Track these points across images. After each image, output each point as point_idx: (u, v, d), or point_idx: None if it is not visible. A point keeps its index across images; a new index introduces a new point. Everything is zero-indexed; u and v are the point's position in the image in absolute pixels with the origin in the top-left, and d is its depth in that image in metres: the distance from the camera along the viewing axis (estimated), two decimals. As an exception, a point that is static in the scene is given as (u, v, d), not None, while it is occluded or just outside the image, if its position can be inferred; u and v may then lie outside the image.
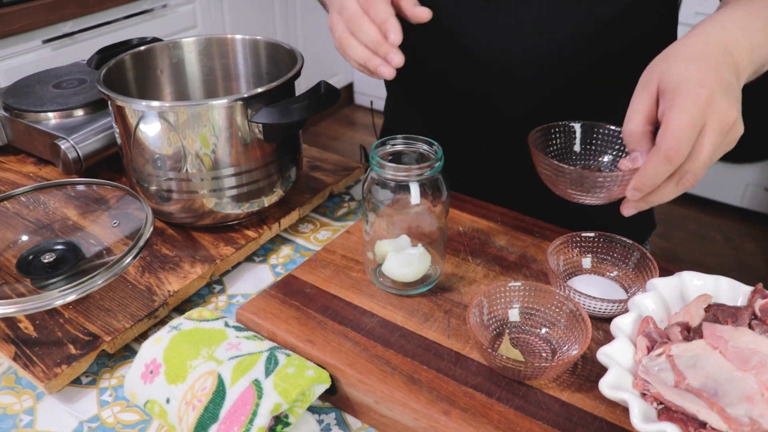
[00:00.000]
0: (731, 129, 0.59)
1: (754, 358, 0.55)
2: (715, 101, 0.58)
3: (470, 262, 0.78)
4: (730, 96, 0.59)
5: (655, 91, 0.61)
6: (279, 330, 0.68)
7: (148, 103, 0.77)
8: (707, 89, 0.57)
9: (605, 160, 0.77)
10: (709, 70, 0.59)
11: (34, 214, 0.88)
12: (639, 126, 0.62)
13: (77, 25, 2.16)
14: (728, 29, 0.64)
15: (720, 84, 0.59)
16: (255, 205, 0.86)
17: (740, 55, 0.63)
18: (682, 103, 0.57)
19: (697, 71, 0.59)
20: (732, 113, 0.58)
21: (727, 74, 0.60)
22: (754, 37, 0.65)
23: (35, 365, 0.68)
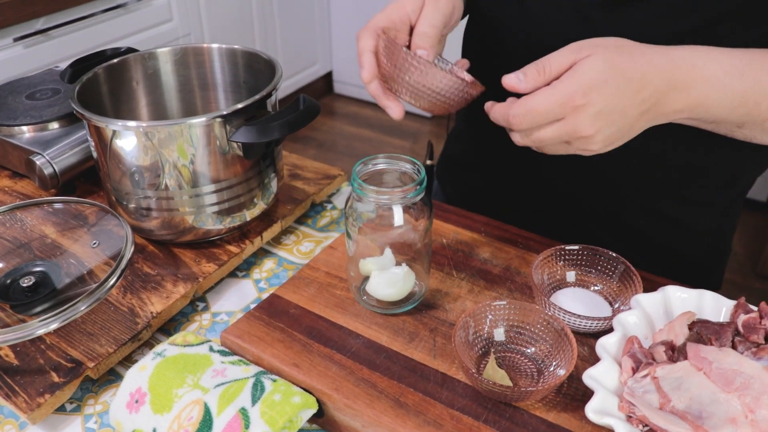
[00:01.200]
0: (579, 141, 0.62)
1: (737, 380, 0.55)
2: (584, 112, 0.59)
3: (455, 276, 0.78)
4: (606, 120, 0.60)
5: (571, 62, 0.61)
6: (264, 354, 0.68)
7: (125, 123, 0.75)
8: (586, 99, 0.59)
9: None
10: (614, 89, 0.60)
11: (11, 232, 0.86)
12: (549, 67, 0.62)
13: (50, 21, 2.12)
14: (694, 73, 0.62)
15: (606, 105, 0.60)
16: (237, 220, 0.85)
17: (677, 99, 0.63)
18: (557, 88, 0.60)
19: (600, 83, 0.59)
20: (587, 130, 0.60)
21: (632, 104, 0.61)
22: (716, 94, 0.63)
23: (17, 395, 0.67)
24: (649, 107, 0.62)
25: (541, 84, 0.62)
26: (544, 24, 0.80)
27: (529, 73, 0.62)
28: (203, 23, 2.73)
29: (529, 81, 0.62)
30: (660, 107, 0.63)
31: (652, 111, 0.63)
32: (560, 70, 0.61)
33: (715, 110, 0.65)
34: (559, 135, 0.62)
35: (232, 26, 2.92)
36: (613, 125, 0.61)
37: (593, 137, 0.61)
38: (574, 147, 0.63)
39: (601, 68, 0.59)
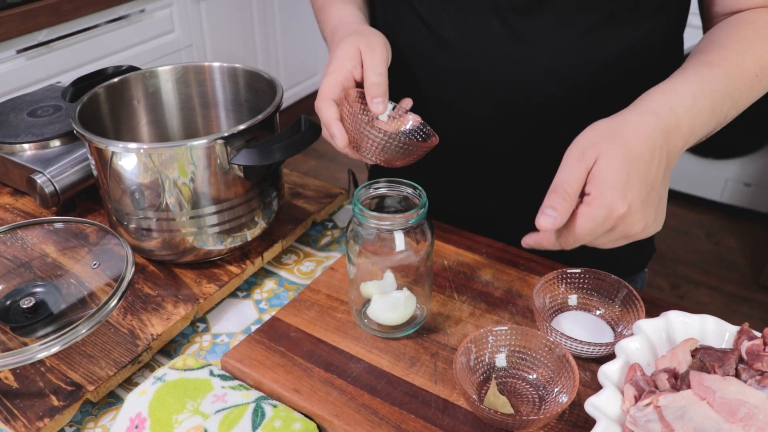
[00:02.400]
0: (630, 237, 0.63)
1: (741, 410, 0.55)
2: (629, 216, 0.61)
3: (456, 299, 0.77)
4: (647, 207, 0.62)
5: (590, 165, 0.62)
6: (265, 379, 0.67)
7: (126, 145, 0.75)
8: (626, 204, 0.60)
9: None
10: (638, 175, 0.61)
11: (11, 251, 0.86)
12: (572, 189, 0.62)
13: (52, 33, 2.12)
14: (675, 111, 0.65)
15: (641, 196, 0.61)
16: (238, 240, 0.85)
17: (677, 141, 0.65)
18: (595, 207, 0.61)
19: (626, 178, 0.60)
20: (637, 227, 0.62)
21: (654, 174, 0.62)
22: (696, 119, 0.66)
23: (17, 419, 0.67)
24: (665, 164, 0.64)
25: (571, 208, 0.62)
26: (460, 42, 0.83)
27: (559, 206, 0.61)
28: (205, 34, 2.73)
29: (562, 214, 0.62)
30: (670, 156, 0.65)
31: (669, 164, 0.65)
32: (580, 184, 0.62)
33: (699, 132, 0.68)
34: (615, 240, 0.64)
35: (233, 37, 2.92)
36: (653, 201, 0.63)
37: (647, 228, 0.63)
38: (630, 240, 0.65)
39: (619, 166, 0.61)
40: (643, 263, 1.05)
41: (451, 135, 0.88)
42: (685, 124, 0.65)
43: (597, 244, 0.64)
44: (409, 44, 0.89)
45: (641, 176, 0.61)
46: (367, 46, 0.78)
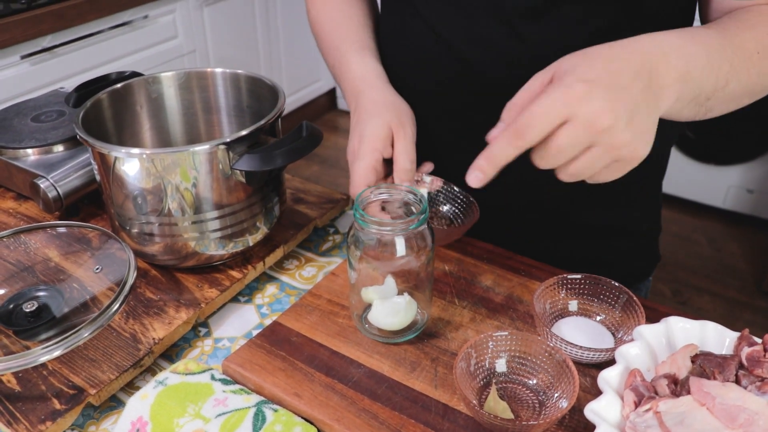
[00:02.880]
0: (604, 136, 0.56)
1: (741, 416, 0.55)
2: (590, 99, 0.55)
3: (456, 305, 0.78)
4: (617, 99, 0.56)
5: (549, 77, 0.60)
6: (266, 383, 0.68)
7: (128, 150, 0.76)
8: (586, 84, 0.55)
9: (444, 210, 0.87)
10: (604, 70, 0.57)
11: (15, 255, 0.87)
12: (518, 100, 0.61)
13: (56, 39, 2.13)
14: (660, 44, 0.61)
15: (608, 84, 0.56)
16: (239, 245, 0.85)
17: (665, 71, 0.60)
18: (550, 91, 0.56)
19: (589, 67, 0.57)
20: (604, 116, 0.55)
21: (628, 80, 0.57)
22: (690, 60, 0.62)
23: (19, 422, 0.67)
24: (647, 81, 0.59)
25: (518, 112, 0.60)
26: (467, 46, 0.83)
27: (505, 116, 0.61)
28: (208, 41, 2.74)
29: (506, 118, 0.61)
30: (656, 78, 0.59)
31: (652, 85, 0.59)
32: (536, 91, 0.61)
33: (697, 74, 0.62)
34: (577, 136, 0.56)
35: (236, 43, 2.93)
36: (624, 104, 0.56)
37: (616, 126, 0.56)
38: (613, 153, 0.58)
39: (578, 56, 0.59)
40: (648, 271, 1.04)
41: (456, 140, 0.88)
42: (676, 59, 0.61)
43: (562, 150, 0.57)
44: (415, 49, 0.89)
45: (606, 66, 0.57)
46: (399, 125, 0.78)
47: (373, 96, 0.83)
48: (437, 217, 0.88)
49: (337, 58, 0.91)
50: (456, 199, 0.87)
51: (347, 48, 0.91)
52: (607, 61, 0.58)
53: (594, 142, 0.57)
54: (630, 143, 0.57)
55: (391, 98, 0.83)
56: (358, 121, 0.81)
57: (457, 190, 0.86)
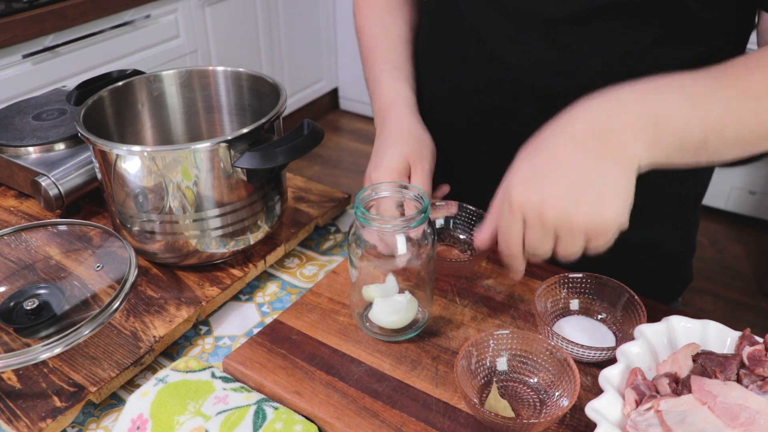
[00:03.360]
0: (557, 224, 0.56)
1: (742, 415, 0.55)
2: (528, 197, 0.57)
3: (458, 303, 0.78)
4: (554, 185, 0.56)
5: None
6: (266, 381, 0.68)
7: (129, 148, 0.76)
8: (521, 184, 0.58)
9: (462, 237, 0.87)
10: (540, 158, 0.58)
11: (15, 253, 0.87)
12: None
13: (58, 38, 2.13)
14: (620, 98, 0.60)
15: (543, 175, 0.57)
16: (240, 243, 0.85)
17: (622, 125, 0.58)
18: (498, 204, 0.60)
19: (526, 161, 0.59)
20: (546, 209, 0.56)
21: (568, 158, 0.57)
22: (659, 107, 0.59)
23: (19, 419, 0.67)
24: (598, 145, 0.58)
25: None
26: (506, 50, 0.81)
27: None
28: (210, 40, 2.74)
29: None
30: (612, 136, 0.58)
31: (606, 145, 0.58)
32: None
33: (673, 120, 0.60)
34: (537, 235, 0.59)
35: (238, 43, 2.93)
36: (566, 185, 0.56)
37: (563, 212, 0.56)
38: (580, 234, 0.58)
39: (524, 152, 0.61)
40: (678, 291, 1.01)
41: (488, 142, 0.88)
42: (639, 107, 0.59)
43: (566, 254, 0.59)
44: (455, 47, 0.88)
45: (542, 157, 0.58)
46: (417, 158, 0.80)
47: (397, 123, 0.84)
48: (458, 243, 0.87)
49: (372, 73, 0.93)
50: (472, 222, 0.86)
51: (382, 67, 0.92)
52: (547, 146, 0.58)
53: (556, 232, 0.57)
54: (588, 218, 0.56)
55: (414, 128, 0.84)
56: (378, 148, 0.83)
57: (472, 210, 0.86)
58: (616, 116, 0.58)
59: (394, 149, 0.80)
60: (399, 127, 0.84)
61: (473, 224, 0.85)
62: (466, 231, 0.86)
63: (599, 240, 0.58)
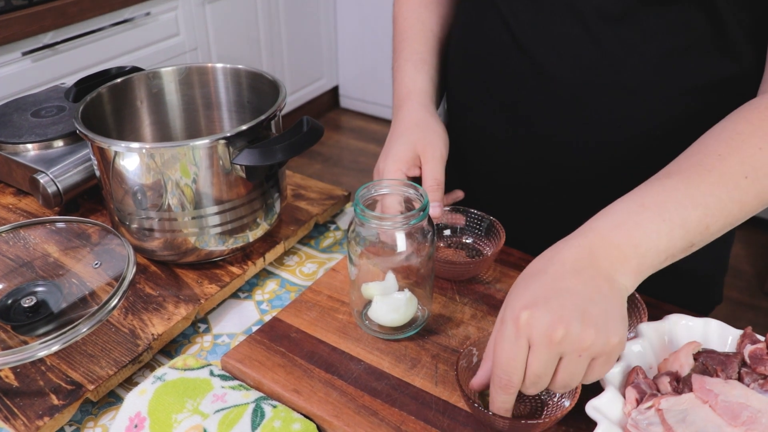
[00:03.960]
0: (564, 343, 0.54)
1: (744, 413, 0.54)
2: (536, 319, 0.55)
3: (457, 301, 0.77)
4: (561, 306, 0.55)
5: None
6: (265, 379, 0.67)
7: (128, 145, 0.75)
8: (526, 309, 0.55)
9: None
10: (540, 284, 0.57)
11: (13, 251, 0.86)
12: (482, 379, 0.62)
13: (58, 36, 2.13)
14: (597, 228, 0.60)
15: (548, 296, 0.56)
16: (239, 241, 0.85)
17: (605, 256, 0.58)
18: (502, 331, 0.57)
19: (525, 289, 0.57)
20: (556, 328, 0.54)
21: (568, 281, 0.57)
22: (635, 233, 0.59)
23: (16, 417, 0.67)
24: (590, 271, 0.58)
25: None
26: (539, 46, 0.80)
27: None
28: (210, 38, 2.74)
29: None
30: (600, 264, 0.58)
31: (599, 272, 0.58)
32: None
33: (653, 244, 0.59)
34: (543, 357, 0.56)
35: (238, 41, 2.93)
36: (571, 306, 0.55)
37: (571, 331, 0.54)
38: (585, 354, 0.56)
39: (515, 285, 0.59)
40: (705, 313, 0.96)
41: (515, 141, 0.86)
42: (617, 237, 0.59)
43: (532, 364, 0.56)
44: (487, 42, 0.86)
45: (542, 282, 0.57)
46: (426, 146, 0.79)
47: (409, 113, 0.84)
48: (464, 248, 0.87)
49: (398, 62, 0.92)
50: (479, 226, 0.86)
51: (408, 57, 0.92)
52: (541, 273, 0.58)
53: (561, 353, 0.56)
54: (596, 339, 0.55)
55: (425, 119, 0.83)
56: (389, 140, 0.83)
57: (478, 214, 0.85)
58: (599, 250, 0.59)
59: (403, 139, 0.80)
60: (410, 118, 0.84)
61: (479, 228, 0.85)
62: (473, 235, 0.86)
63: (604, 362, 0.57)
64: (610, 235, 0.59)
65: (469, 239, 0.86)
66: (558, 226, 0.89)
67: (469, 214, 0.85)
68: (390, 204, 0.73)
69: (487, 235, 0.84)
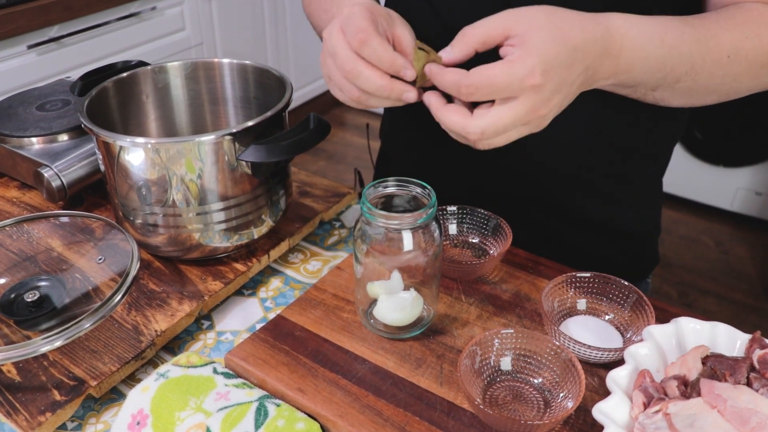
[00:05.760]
0: (535, 120, 0.62)
1: (753, 419, 0.54)
2: (541, 91, 0.59)
3: (463, 301, 0.77)
4: (559, 92, 0.61)
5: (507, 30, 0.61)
6: (269, 377, 0.67)
7: (133, 139, 0.75)
8: (543, 76, 0.59)
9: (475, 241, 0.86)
10: (562, 61, 0.60)
11: (17, 245, 0.86)
12: (475, 35, 0.62)
13: (63, 29, 2.12)
14: (624, 43, 0.64)
15: (560, 81, 0.60)
16: (244, 237, 0.84)
17: (607, 66, 0.64)
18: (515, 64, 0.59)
19: (553, 57, 0.59)
20: (545, 108, 0.61)
21: (575, 76, 0.62)
22: (640, 62, 0.66)
23: (18, 413, 0.66)
24: (587, 76, 0.63)
25: (471, 48, 0.63)
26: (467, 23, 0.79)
27: (457, 49, 0.63)
28: (216, 32, 2.73)
29: (456, 55, 0.63)
30: (594, 74, 0.64)
31: (588, 79, 0.64)
32: (487, 42, 0.62)
33: (636, 74, 0.67)
34: (519, 116, 0.61)
35: (244, 36, 2.92)
36: (563, 98, 0.62)
37: (549, 115, 0.62)
38: (528, 128, 0.63)
39: (551, 45, 0.59)
40: (646, 272, 1.04)
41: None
42: (625, 58, 0.64)
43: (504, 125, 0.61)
44: (417, 31, 0.86)
45: (567, 66, 0.60)
46: (384, 13, 0.70)
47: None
48: (472, 247, 0.86)
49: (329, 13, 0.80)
50: (483, 226, 0.85)
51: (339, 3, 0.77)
52: (570, 49, 0.60)
53: (527, 122, 0.62)
54: (547, 122, 0.63)
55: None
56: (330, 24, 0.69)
57: (483, 213, 0.85)
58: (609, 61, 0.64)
59: (355, 8, 0.68)
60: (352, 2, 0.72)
61: (486, 228, 0.84)
62: (479, 235, 0.85)
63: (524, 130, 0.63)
64: (625, 53, 0.64)
65: (476, 239, 0.85)
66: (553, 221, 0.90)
67: (476, 213, 0.85)
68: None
69: (494, 235, 0.83)
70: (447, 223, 0.86)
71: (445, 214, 0.85)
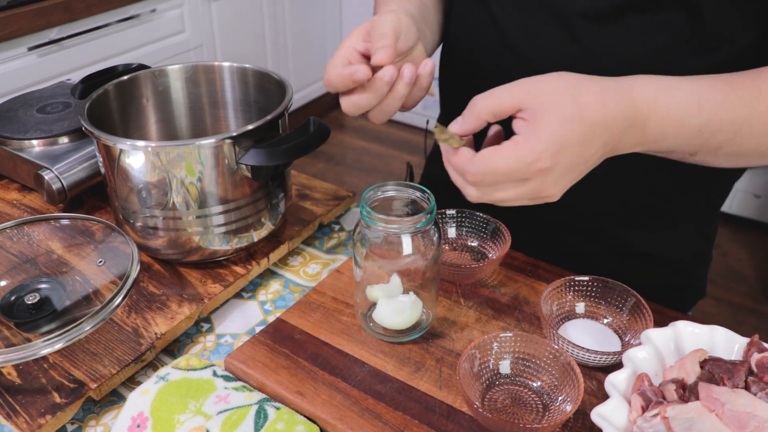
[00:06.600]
0: (541, 199, 0.60)
1: (751, 423, 0.54)
2: (547, 174, 0.57)
3: (462, 305, 0.77)
4: (569, 173, 0.59)
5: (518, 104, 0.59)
6: (268, 381, 0.67)
7: (134, 143, 0.75)
8: (552, 159, 0.57)
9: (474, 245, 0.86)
10: (577, 142, 0.57)
11: (17, 247, 0.86)
12: (485, 107, 0.60)
13: (64, 31, 2.13)
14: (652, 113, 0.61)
15: (570, 164, 0.58)
16: (244, 241, 0.85)
17: (632, 137, 0.61)
18: (522, 149, 0.57)
19: (567, 136, 0.57)
20: (552, 190, 0.59)
21: (590, 154, 0.59)
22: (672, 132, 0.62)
23: (18, 415, 0.66)
24: (607, 150, 0.60)
25: (481, 120, 0.60)
26: (524, 42, 0.80)
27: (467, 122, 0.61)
28: (215, 35, 2.74)
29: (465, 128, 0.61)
30: (617, 145, 0.61)
31: (610, 151, 0.61)
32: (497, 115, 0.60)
33: (668, 143, 0.63)
34: (521, 196, 0.59)
35: (243, 38, 2.93)
36: (577, 176, 0.60)
37: (556, 195, 0.60)
38: (534, 202, 0.61)
39: (567, 120, 0.57)
40: (688, 305, 0.99)
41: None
42: (654, 127, 0.61)
43: (502, 200, 0.60)
44: (476, 41, 0.86)
45: (582, 144, 0.58)
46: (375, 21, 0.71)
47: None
48: (470, 251, 0.86)
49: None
50: (483, 230, 0.85)
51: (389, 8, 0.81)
52: (588, 126, 0.57)
53: (533, 198, 0.60)
54: (556, 199, 0.60)
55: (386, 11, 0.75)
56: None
57: (483, 217, 0.85)
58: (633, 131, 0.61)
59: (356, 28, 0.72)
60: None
61: (485, 232, 0.85)
62: (478, 238, 0.86)
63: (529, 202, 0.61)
64: (653, 122, 0.61)
65: (474, 242, 0.85)
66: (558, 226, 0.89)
67: (475, 217, 0.85)
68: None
69: (493, 239, 0.83)
70: (446, 226, 0.86)
71: (444, 217, 0.85)
